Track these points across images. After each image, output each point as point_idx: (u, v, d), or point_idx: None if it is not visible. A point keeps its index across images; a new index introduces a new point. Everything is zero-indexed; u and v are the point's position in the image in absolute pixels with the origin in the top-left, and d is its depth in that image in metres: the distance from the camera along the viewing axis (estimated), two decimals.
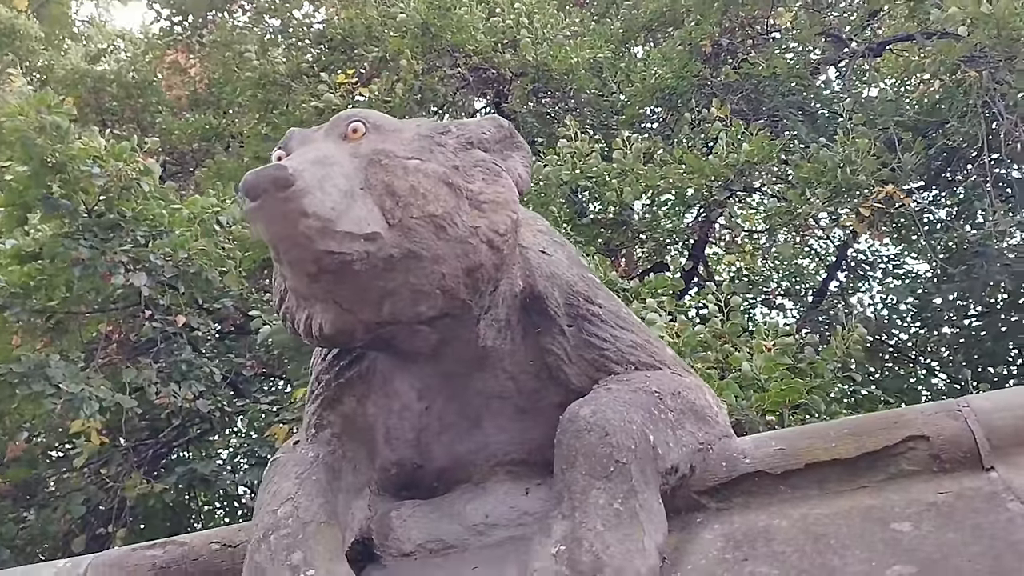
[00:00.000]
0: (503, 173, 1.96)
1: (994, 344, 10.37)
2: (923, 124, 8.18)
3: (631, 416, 1.80)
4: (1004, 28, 7.02)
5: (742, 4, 8.54)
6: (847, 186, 7.15)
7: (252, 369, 8.12)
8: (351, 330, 1.84)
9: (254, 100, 9.20)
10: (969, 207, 10.42)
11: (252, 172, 1.65)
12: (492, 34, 8.65)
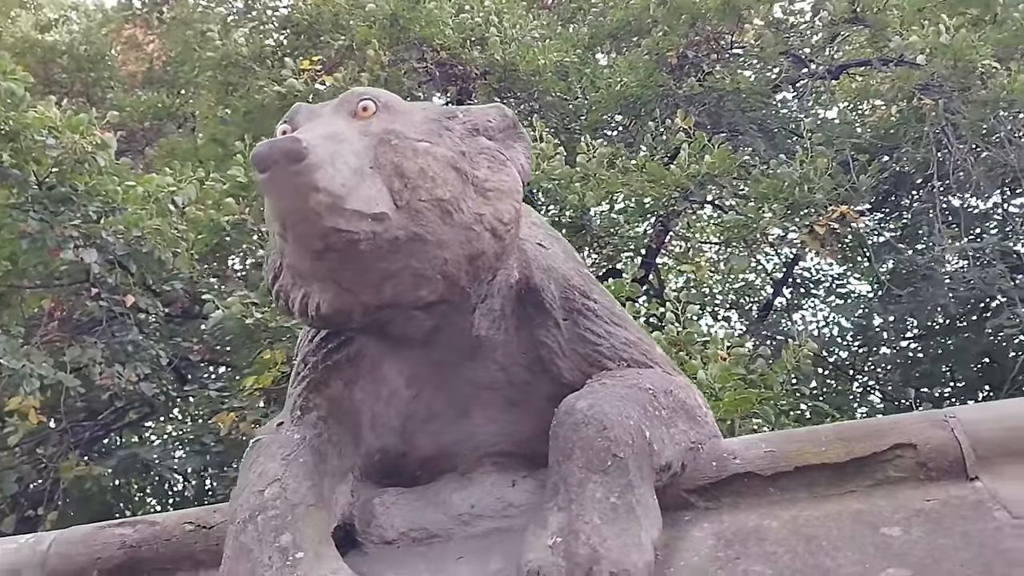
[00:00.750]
0: (507, 162, 1.95)
1: (931, 366, 10.68)
2: (877, 147, 8.39)
3: (628, 411, 1.80)
4: (960, 59, 7.25)
5: (709, 19, 8.64)
6: (803, 203, 7.29)
7: (199, 354, 7.96)
8: (349, 311, 1.81)
9: (214, 81, 9.02)
10: (914, 231, 10.71)
11: (265, 143, 1.61)
12: (461, 30, 8.63)
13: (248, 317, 6.41)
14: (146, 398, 7.23)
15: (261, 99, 8.42)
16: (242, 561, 1.71)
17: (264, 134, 8.60)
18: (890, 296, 9.69)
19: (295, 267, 1.81)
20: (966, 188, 9.19)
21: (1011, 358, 9.55)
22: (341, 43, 8.62)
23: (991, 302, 9.45)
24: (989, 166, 8.65)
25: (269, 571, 1.67)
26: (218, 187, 7.81)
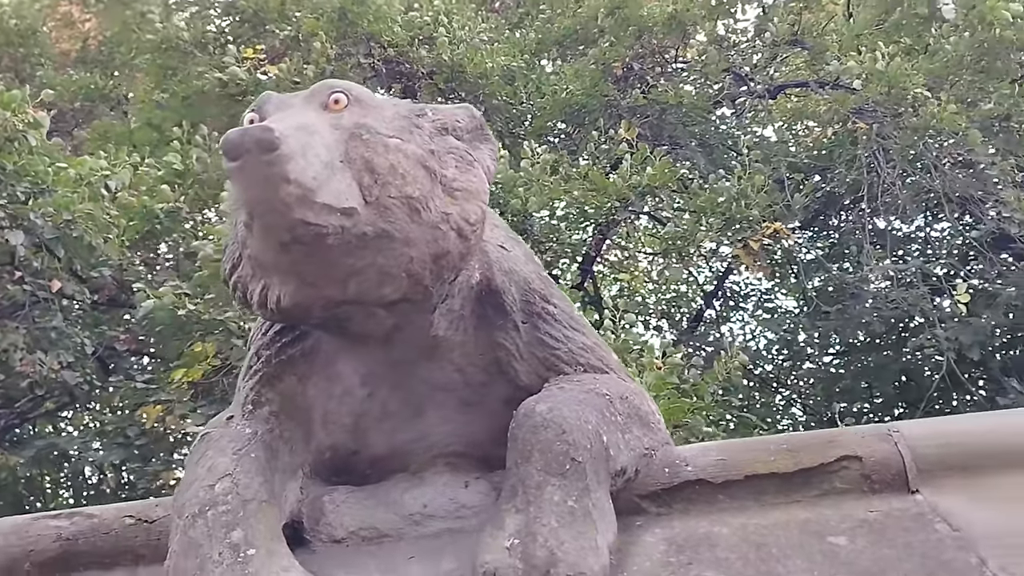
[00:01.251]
0: (475, 163, 1.95)
1: (852, 382, 11.01)
2: (811, 167, 8.62)
3: (586, 416, 1.82)
4: (894, 86, 7.49)
5: (655, 32, 8.77)
6: (739, 218, 7.45)
7: (125, 344, 7.74)
8: (310, 306, 1.79)
9: (152, 64, 8.80)
10: (841, 251, 11.04)
11: (236, 130, 1.58)
12: (409, 28, 8.59)
13: (180, 308, 6.27)
14: (68, 387, 7.01)
15: (201, 85, 8.25)
16: (190, 557, 1.67)
17: (203, 121, 8.44)
18: (816, 312, 9.96)
19: (258, 258, 1.77)
20: (893, 211, 9.51)
21: (927, 377, 9.92)
22: (286, 33, 8.50)
23: (910, 322, 9.81)
24: (915, 191, 8.97)
25: (219, 568, 1.64)
26: (153, 173, 7.63)
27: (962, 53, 7.72)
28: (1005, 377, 8.47)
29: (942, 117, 7.20)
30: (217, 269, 6.53)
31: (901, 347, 10.21)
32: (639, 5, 8.68)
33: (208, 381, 6.74)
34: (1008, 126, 7.70)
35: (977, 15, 7.69)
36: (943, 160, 8.09)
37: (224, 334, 6.44)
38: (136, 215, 7.36)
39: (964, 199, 8.67)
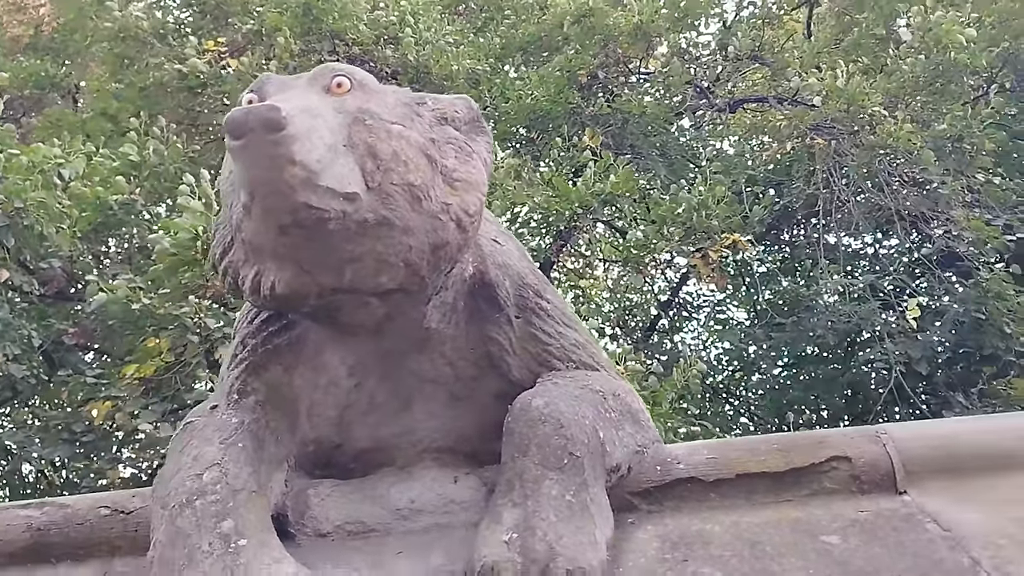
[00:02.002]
0: (474, 154, 1.93)
1: (802, 393, 11.17)
2: (769, 180, 8.75)
3: (583, 411, 1.81)
4: (853, 104, 7.64)
5: (620, 41, 8.83)
6: (700, 229, 7.52)
7: (73, 338, 7.53)
8: (305, 293, 1.75)
9: (109, 54, 8.59)
10: (793, 264, 11.22)
11: (241, 109, 1.54)
12: (374, 27, 8.53)
13: (135, 302, 6.11)
14: (12, 381, 6.79)
15: (160, 76, 8.08)
16: (178, 547, 1.62)
17: (160, 113, 8.28)
18: (768, 324, 10.09)
19: (254, 242, 1.73)
20: (845, 227, 9.69)
21: (873, 390, 10.12)
22: (249, 27, 8.37)
23: (858, 336, 9.99)
24: (867, 207, 9.16)
25: (209, 558, 1.59)
26: (107, 164, 7.44)
27: (918, 74, 7.92)
28: (950, 392, 8.66)
29: (898, 136, 7.36)
30: (173, 263, 6.44)
31: (849, 360, 10.40)
32: (606, 14, 8.73)
33: (160, 378, 6.59)
34: (960, 147, 7.90)
35: (933, 38, 7.89)
36: (896, 178, 8.27)
37: (179, 330, 6.29)
38: (89, 206, 7.16)
39: (915, 217, 8.87)
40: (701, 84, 9.94)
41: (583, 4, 8.83)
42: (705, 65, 10.22)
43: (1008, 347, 8.12)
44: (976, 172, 7.90)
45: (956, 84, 8.02)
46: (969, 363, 8.87)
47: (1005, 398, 7.92)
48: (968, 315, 7.98)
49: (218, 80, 8.07)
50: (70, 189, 6.93)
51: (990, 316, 7.98)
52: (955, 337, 8.38)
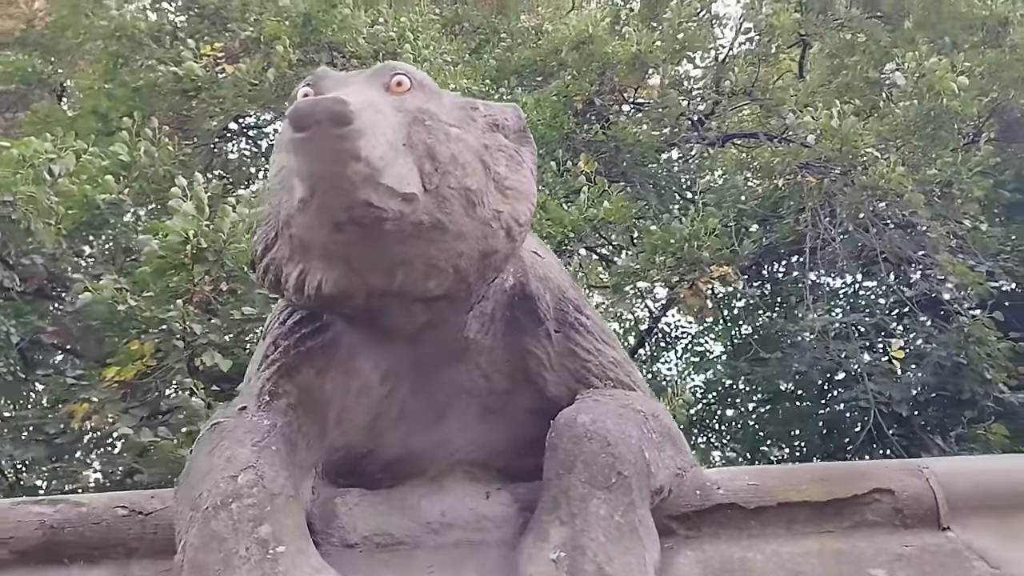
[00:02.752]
0: (524, 163, 1.90)
1: (777, 428, 11.20)
2: (760, 215, 8.80)
3: (629, 430, 1.77)
4: (847, 144, 7.71)
5: (618, 69, 8.88)
6: (691, 260, 7.53)
7: (51, 337, 7.36)
8: (352, 294, 1.70)
9: (103, 52, 8.49)
10: (775, 300, 11.28)
11: (307, 100, 1.50)
12: (373, 41, 8.50)
13: (120, 303, 5.99)
14: None
15: (155, 78, 7.99)
16: (213, 551, 1.55)
17: (153, 113, 8.17)
18: (748, 358, 10.12)
19: (304, 238, 1.67)
20: (829, 265, 9.77)
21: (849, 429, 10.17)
22: (248, 34, 8.31)
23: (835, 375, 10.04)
24: (853, 247, 9.24)
25: (247, 564, 1.52)
26: (97, 163, 7.33)
27: (911, 118, 8.02)
28: (927, 435, 8.71)
29: (890, 178, 7.43)
30: (161, 266, 6.34)
31: (822, 398, 10.45)
32: (605, 42, 8.78)
33: (140, 382, 6.46)
34: (949, 192, 8.00)
35: (926, 83, 8.00)
36: (885, 220, 8.35)
37: (164, 334, 6.18)
38: (75, 204, 7.04)
39: (899, 259, 8.96)
40: (692, 117, 10.01)
41: (583, 31, 8.87)
42: (695, 98, 10.30)
43: (987, 392, 8.19)
44: (963, 218, 8.00)
45: (947, 130, 8.13)
46: (947, 406, 8.94)
47: (984, 442, 7.96)
48: (950, 359, 8.05)
49: (213, 85, 7.99)
50: (57, 186, 6.81)
51: (971, 361, 8.05)
52: (935, 380, 8.44)
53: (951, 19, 9.34)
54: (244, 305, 6.79)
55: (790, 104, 8.17)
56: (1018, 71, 8.76)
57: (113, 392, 6.23)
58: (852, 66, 10.05)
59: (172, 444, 5.81)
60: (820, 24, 9.63)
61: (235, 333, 6.97)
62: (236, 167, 11.22)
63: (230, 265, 6.40)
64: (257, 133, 11.82)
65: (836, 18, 9.45)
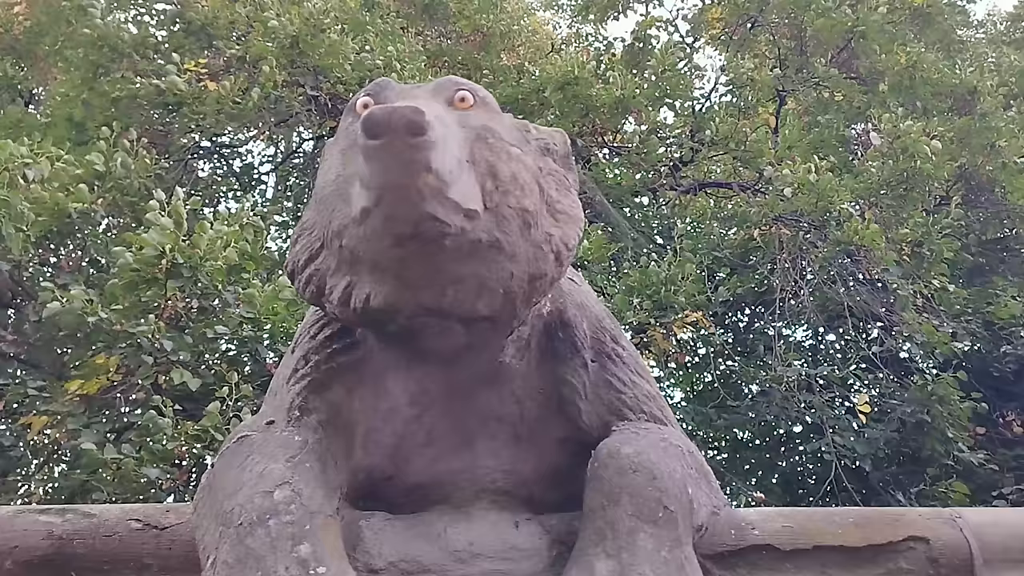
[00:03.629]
0: (571, 187, 1.88)
1: (737, 478, 11.22)
2: (734, 264, 8.90)
3: (673, 465, 1.74)
4: (823, 199, 7.85)
5: (601, 112, 8.97)
6: (667, 303, 7.57)
7: (11, 347, 7.13)
8: (400, 310, 1.65)
9: (84, 60, 8.35)
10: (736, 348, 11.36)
11: (384, 108, 1.46)
12: (359, 68, 8.49)
13: (91, 315, 5.83)
14: None
15: (136, 90, 7.88)
16: (250, 568, 1.48)
17: (131, 125, 8.04)
18: (708, 406, 10.14)
19: (357, 250, 1.63)
20: (796, 316, 9.89)
21: (807, 481, 10.23)
22: (233, 52, 8.25)
23: (793, 426, 10.11)
24: (821, 300, 9.38)
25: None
26: (71, 171, 7.17)
27: (884, 178, 8.20)
28: (887, 491, 8.78)
29: (864, 235, 7.57)
30: (132, 279, 6.19)
31: (782, 448, 10.51)
32: (589, 84, 8.87)
33: (103, 397, 6.28)
34: (920, 252, 8.18)
35: (901, 145, 8.21)
36: (857, 275, 8.49)
37: (132, 349, 6.02)
38: (46, 211, 6.87)
39: (865, 315, 9.10)
40: (668, 163, 10.13)
41: (568, 72, 8.96)
42: (672, 145, 10.43)
43: (947, 451, 8.32)
44: (932, 278, 8.16)
45: (918, 191, 8.32)
46: (906, 463, 9.05)
47: (943, 500, 8.06)
48: (914, 416, 8.16)
49: (196, 101, 7.90)
50: (30, 191, 6.65)
51: (934, 419, 8.17)
52: (898, 436, 8.54)
53: (924, 85, 9.62)
54: (217, 324, 6.66)
55: (768, 157, 8.30)
56: (986, 138, 9.04)
57: (75, 406, 6.04)
58: (826, 123, 10.30)
59: (134, 463, 5.63)
60: (797, 81, 9.85)
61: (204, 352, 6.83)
62: (207, 185, 11.07)
63: (204, 282, 6.28)
64: (230, 152, 11.72)
65: (813, 76, 9.67)
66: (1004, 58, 12.20)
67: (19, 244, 6.62)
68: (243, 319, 6.46)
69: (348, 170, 1.67)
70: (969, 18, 14.01)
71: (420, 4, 11.64)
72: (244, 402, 6.03)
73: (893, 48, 9.47)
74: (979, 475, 8.48)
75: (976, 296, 9.38)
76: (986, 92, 9.47)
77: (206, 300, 6.65)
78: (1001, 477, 8.54)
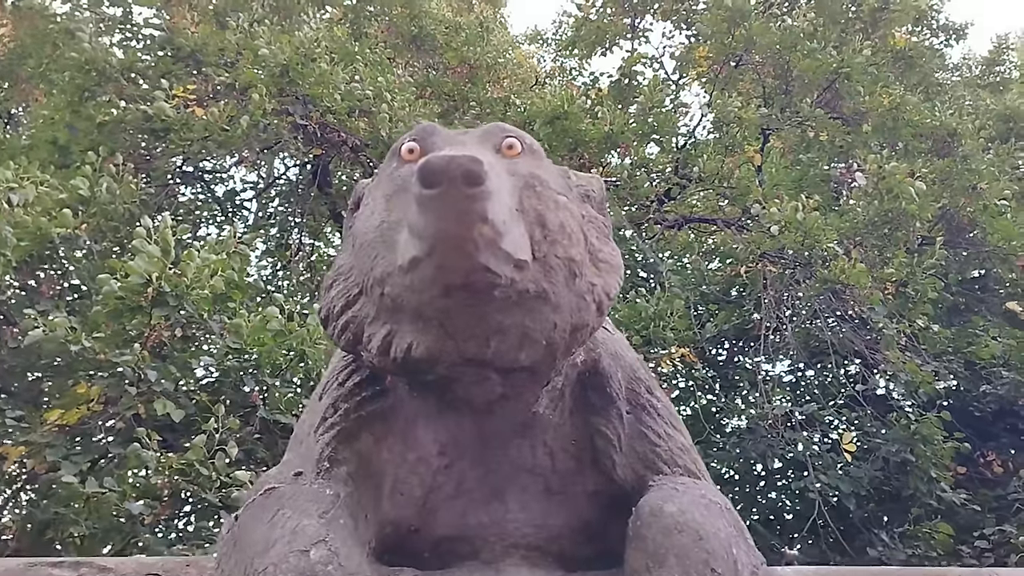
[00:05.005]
0: (610, 235, 1.86)
1: None
2: (720, 300, 8.91)
3: (717, 524, 1.70)
4: (809, 237, 7.89)
5: (589, 146, 8.99)
6: (655, 339, 7.55)
7: None
8: (442, 360, 1.60)
9: (70, 84, 8.25)
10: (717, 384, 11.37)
11: (442, 156, 1.42)
12: (349, 98, 8.46)
13: (74, 344, 5.70)
14: None
15: (122, 114, 7.79)
16: None
17: (118, 149, 7.94)
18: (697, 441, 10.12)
19: (399, 298, 1.58)
20: (777, 352, 9.91)
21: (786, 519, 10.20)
22: (223, 79, 8.19)
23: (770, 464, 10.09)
24: (804, 337, 9.41)
25: None
26: (54, 195, 7.06)
27: (870, 217, 8.28)
28: (870, 530, 8.77)
29: (851, 274, 7.61)
30: (117, 307, 6.08)
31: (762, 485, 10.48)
32: (579, 119, 8.90)
33: (83, 428, 6.13)
34: (905, 292, 8.24)
35: (886, 186, 8.29)
36: (841, 313, 8.53)
37: (114, 378, 5.89)
38: (28, 235, 6.74)
39: (848, 353, 9.14)
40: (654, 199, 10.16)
41: (558, 106, 8.99)
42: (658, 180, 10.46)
43: (930, 491, 8.33)
44: (917, 318, 8.22)
45: (903, 231, 8.40)
46: (887, 502, 9.05)
47: (926, 540, 8.06)
48: (899, 455, 8.17)
49: (183, 127, 7.82)
50: (13, 216, 6.52)
51: (917, 458, 8.18)
52: (881, 475, 8.54)
53: (906, 126, 9.76)
54: (201, 354, 6.55)
55: (755, 194, 8.35)
56: (968, 180, 9.16)
57: (55, 436, 5.88)
58: (808, 162, 10.40)
59: (116, 496, 5.49)
60: (782, 120, 9.95)
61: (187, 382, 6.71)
62: (188, 210, 10.95)
63: (190, 311, 6.18)
64: (212, 178, 11.61)
65: (798, 115, 9.77)
66: (980, 101, 12.43)
67: (0, 270, 6.49)
68: (229, 349, 6.35)
69: (393, 216, 1.62)
70: (945, 61, 14.26)
71: (408, 35, 11.65)
72: (228, 434, 5.92)
73: (876, 90, 9.60)
74: (960, 515, 8.49)
75: (957, 336, 9.46)
76: (966, 135, 9.61)
77: (190, 329, 6.55)
78: (983, 517, 8.56)
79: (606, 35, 12.25)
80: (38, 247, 7.02)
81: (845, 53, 9.67)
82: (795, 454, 8.85)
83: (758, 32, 9.78)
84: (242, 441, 6.32)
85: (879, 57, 10.18)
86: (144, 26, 8.99)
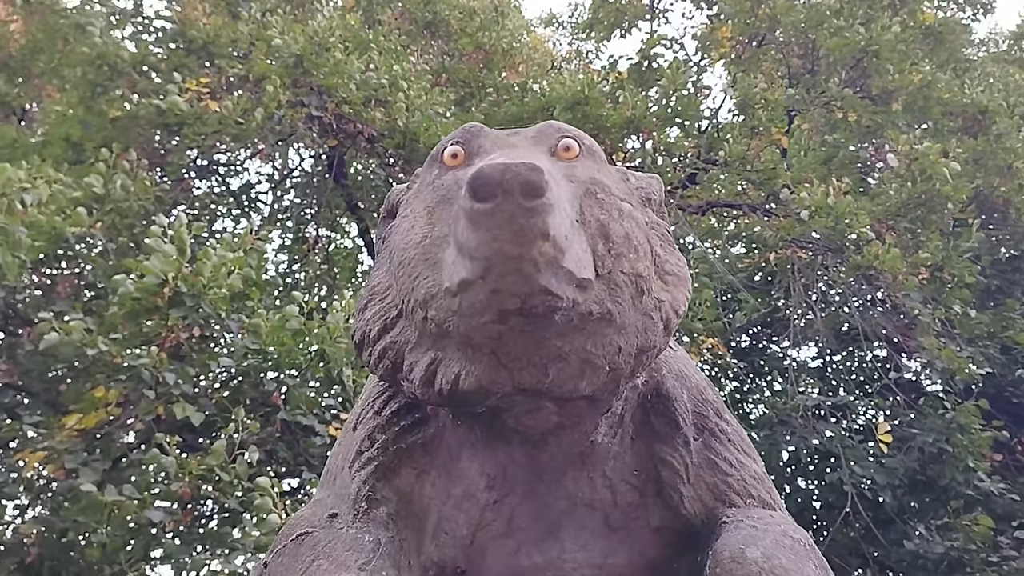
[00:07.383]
0: (674, 242, 1.66)
1: None
2: (750, 288, 8.69)
3: (803, 568, 1.51)
4: (840, 223, 7.65)
5: (610, 131, 8.76)
6: (685, 330, 7.35)
7: (4, 376, 6.83)
8: (494, 392, 1.42)
9: (82, 79, 8.09)
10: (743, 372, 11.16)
11: (496, 165, 1.23)
12: (365, 88, 8.27)
13: (91, 347, 5.57)
14: None
15: (136, 109, 7.63)
16: None
17: (132, 145, 7.80)
18: None
19: (447, 323, 1.39)
20: (806, 340, 9.68)
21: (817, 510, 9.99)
22: (236, 71, 8.02)
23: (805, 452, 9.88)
24: (835, 325, 9.18)
25: None
26: (68, 193, 6.92)
27: (903, 200, 8.02)
28: (905, 522, 8.55)
29: (884, 259, 7.37)
30: (133, 308, 5.93)
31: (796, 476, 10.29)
32: (600, 104, 8.67)
33: (101, 432, 6.01)
34: (940, 276, 7.99)
35: (919, 167, 8.03)
36: (872, 298, 8.30)
37: (132, 382, 5.75)
38: (43, 235, 6.61)
39: (882, 339, 8.91)
40: (677, 184, 9.92)
41: (578, 92, 8.76)
42: (680, 165, 10.22)
43: (967, 480, 8.10)
44: (954, 303, 7.97)
45: (937, 215, 8.15)
46: (922, 492, 8.82)
47: (965, 532, 7.83)
48: (935, 445, 7.94)
49: (197, 121, 7.65)
50: (28, 216, 6.39)
51: (954, 448, 7.96)
52: (917, 465, 8.32)
53: (936, 104, 9.47)
54: (221, 355, 6.41)
55: (783, 178, 8.11)
56: (1003, 159, 8.88)
57: (74, 442, 5.76)
58: (835, 143, 10.12)
59: (135, 505, 5.35)
60: (808, 101, 9.68)
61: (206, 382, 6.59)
62: (203, 204, 10.82)
63: (207, 311, 6.02)
64: (227, 171, 11.46)
65: (824, 95, 9.50)
66: (1009, 77, 12.09)
67: (15, 271, 6.35)
68: (248, 350, 6.20)
69: (436, 231, 1.43)
70: (971, 36, 13.91)
71: (422, 21, 11.43)
72: (248, 437, 5.78)
73: (906, 67, 9.31)
74: (998, 504, 8.26)
75: (992, 320, 9.20)
76: (998, 112, 9.31)
77: (208, 329, 6.41)
78: (1021, 507, 8.33)
79: (625, 17, 11.99)
80: (53, 247, 6.90)
81: (873, 30, 9.37)
82: (824, 443, 8.63)
83: (782, 10, 9.51)
84: (263, 442, 6.19)
85: (908, 34, 9.87)
86: (155, 18, 8.81)
